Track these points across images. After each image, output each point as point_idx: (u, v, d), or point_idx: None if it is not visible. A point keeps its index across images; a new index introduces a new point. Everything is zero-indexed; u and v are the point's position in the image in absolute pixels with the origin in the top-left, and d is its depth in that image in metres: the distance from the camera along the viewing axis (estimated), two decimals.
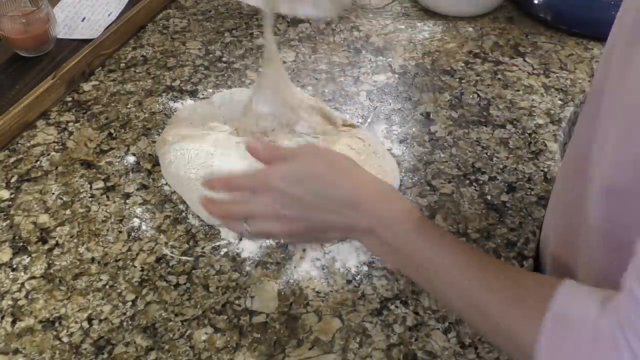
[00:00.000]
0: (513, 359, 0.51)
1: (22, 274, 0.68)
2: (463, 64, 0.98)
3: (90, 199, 0.76)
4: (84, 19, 1.03)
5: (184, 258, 0.69)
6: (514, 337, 0.47)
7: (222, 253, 0.70)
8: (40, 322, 0.63)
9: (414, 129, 0.86)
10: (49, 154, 0.82)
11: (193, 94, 0.92)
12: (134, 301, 0.65)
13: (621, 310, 0.42)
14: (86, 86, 0.94)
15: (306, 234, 0.56)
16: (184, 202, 0.75)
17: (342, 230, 0.55)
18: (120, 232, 0.72)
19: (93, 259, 0.69)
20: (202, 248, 0.70)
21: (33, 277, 0.68)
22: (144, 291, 0.66)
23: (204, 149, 0.76)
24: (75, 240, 0.71)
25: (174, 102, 0.91)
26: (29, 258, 0.69)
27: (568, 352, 0.44)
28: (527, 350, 0.46)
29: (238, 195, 0.58)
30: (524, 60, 0.99)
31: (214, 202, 0.59)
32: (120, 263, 0.69)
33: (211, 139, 0.77)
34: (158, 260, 0.69)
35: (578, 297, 0.46)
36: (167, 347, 0.61)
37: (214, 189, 0.58)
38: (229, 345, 0.62)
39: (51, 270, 0.68)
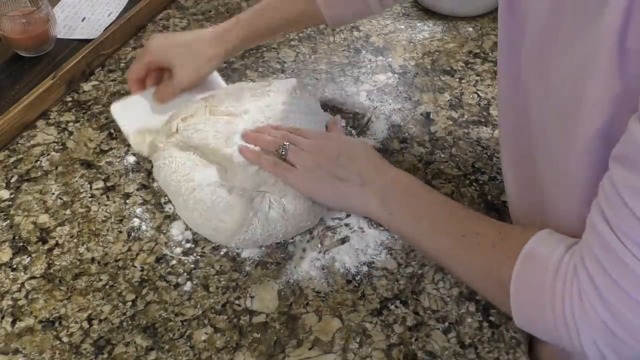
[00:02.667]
0: (499, 304, 0.57)
1: (22, 274, 0.68)
2: (463, 64, 0.98)
3: (90, 199, 0.76)
4: (84, 19, 1.03)
5: (184, 258, 0.69)
6: (496, 276, 0.53)
7: (222, 253, 0.70)
8: (40, 322, 0.63)
9: (414, 129, 0.86)
10: (49, 154, 0.82)
11: None
12: (134, 301, 0.65)
13: (584, 244, 0.47)
14: (86, 86, 0.94)
15: (325, 175, 0.69)
16: None
17: (358, 181, 0.67)
18: (120, 232, 0.72)
19: (93, 259, 0.69)
20: (202, 248, 0.70)
21: (33, 277, 0.68)
22: (144, 291, 0.66)
23: (191, 158, 0.76)
24: (75, 240, 0.71)
25: None
26: (29, 258, 0.69)
27: (533, 282, 0.49)
28: (507, 289, 0.51)
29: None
30: None
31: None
32: (120, 263, 0.69)
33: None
34: (158, 260, 0.69)
35: (550, 239, 0.52)
36: (167, 347, 0.61)
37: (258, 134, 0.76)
38: (229, 345, 0.62)
39: (51, 270, 0.68)
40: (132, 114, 0.83)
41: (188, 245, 0.71)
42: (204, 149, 0.76)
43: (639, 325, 0.44)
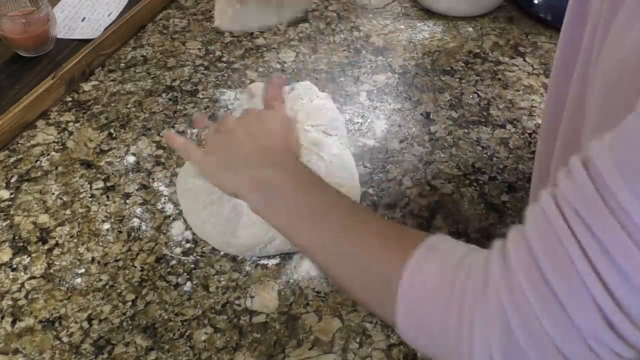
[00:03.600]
0: (379, 309, 0.47)
1: (22, 274, 0.68)
2: (463, 64, 0.98)
3: (90, 199, 0.76)
4: (84, 19, 1.03)
5: (184, 258, 0.69)
6: (383, 275, 0.45)
7: (222, 253, 0.70)
8: (40, 322, 0.63)
9: (414, 129, 0.86)
10: (49, 154, 0.82)
11: (193, 94, 0.92)
12: (134, 301, 0.65)
13: (510, 232, 0.39)
14: (86, 86, 0.94)
15: (218, 162, 0.64)
16: None
17: (242, 169, 0.61)
18: (120, 232, 0.72)
19: (93, 259, 0.69)
20: (202, 248, 0.70)
21: (33, 277, 0.68)
22: (144, 291, 0.66)
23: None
24: (75, 240, 0.71)
25: (175, 103, 0.91)
26: (29, 258, 0.69)
27: (429, 275, 0.41)
28: (394, 291, 0.42)
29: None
30: (524, 60, 0.99)
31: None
32: (120, 263, 0.69)
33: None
34: (158, 260, 0.69)
35: (452, 240, 0.44)
36: (167, 347, 0.61)
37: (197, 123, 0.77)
38: (229, 345, 0.62)
39: (51, 270, 0.68)
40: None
41: (188, 245, 0.71)
42: None
43: (545, 330, 0.34)
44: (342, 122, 0.82)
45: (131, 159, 0.81)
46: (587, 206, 0.34)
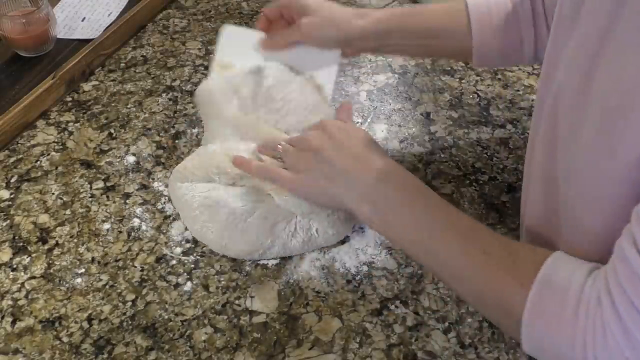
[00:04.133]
0: (503, 327, 0.53)
1: (22, 274, 0.68)
2: (463, 64, 0.98)
3: (90, 199, 0.76)
4: (84, 19, 1.03)
5: (184, 258, 0.69)
6: (504, 302, 0.49)
7: (222, 253, 0.70)
8: (40, 322, 0.63)
9: (414, 129, 0.86)
10: (49, 154, 0.82)
11: (193, 94, 0.92)
12: (134, 301, 0.65)
13: (610, 270, 0.43)
14: (86, 86, 0.94)
15: (314, 178, 0.64)
16: None
17: (345, 184, 0.62)
18: (120, 232, 0.72)
19: (93, 259, 0.69)
20: (202, 248, 0.70)
21: (33, 277, 0.68)
22: (144, 291, 0.66)
23: (212, 178, 0.72)
24: (75, 240, 0.71)
25: (175, 103, 0.91)
26: (29, 258, 0.69)
27: (552, 313, 0.45)
28: (517, 317, 0.47)
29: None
30: None
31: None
32: (120, 263, 0.69)
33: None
34: (158, 260, 0.69)
35: (567, 264, 0.47)
36: (167, 347, 0.61)
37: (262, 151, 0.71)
38: (229, 345, 0.62)
39: (51, 270, 0.68)
40: (234, 43, 0.81)
41: (188, 245, 0.71)
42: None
43: None
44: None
45: (131, 159, 0.81)
46: None
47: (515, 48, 0.72)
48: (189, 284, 0.67)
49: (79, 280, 0.67)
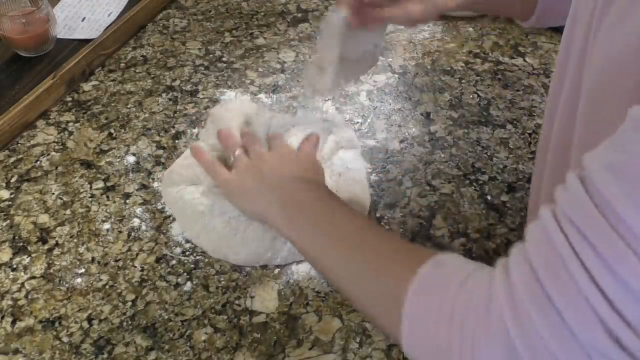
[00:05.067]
0: (387, 324, 0.46)
1: (22, 274, 0.68)
2: (463, 64, 0.98)
3: (90, 199, 0.76)
4: (84, 19, 1.03)
5: (184, 258, 0.69)
6: (390, 287, 0.45)
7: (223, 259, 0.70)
8: (40, 322, 0.63)
9: (414, 129, 0.86)
10: (49, 154, 0.82)
11: (193, 94, 0.92)
12: (134, 301, 0.65)
13: (515, 248, 0.39)
14: (86, 86, 0.94)
15: (249, 181, 0.67)
16: None
17: (269, 200, 0.63)
18: (120, 232, 0.72)
19: (93, 259, 0.69)
20: (202, 248, 0.70)
21: (33, 277, 0.68)
22: (144, 291, 0.66)
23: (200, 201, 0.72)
24: (75, 240, 0.71)
25: (175, 103, 0.91)
26: (29, 258, 0.69)
27: (434, 291, 0.41)
28: (399, 301, 0.43)
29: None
30: (524, 60, 0.99)
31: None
32: (120, 263, 0.69)
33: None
34: (158, 260, 0.69)
35: (461, 258, 0.44)
36: (167, 347, 0.61)
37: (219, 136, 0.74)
38: (229, 345, 0.62)
39: (51, 270, 0.68)
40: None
41: (188, 245, 0.71)
42: None
43: (548, 346, 0.34)
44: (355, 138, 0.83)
45: (131, 159, 0.81)
46: (583, 217, 0.34)
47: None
48: (189, 284, 0.67)
49: (79, 280, 0.67)
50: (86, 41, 0.97)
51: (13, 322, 0.63)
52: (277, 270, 0.68)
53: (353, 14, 0.64)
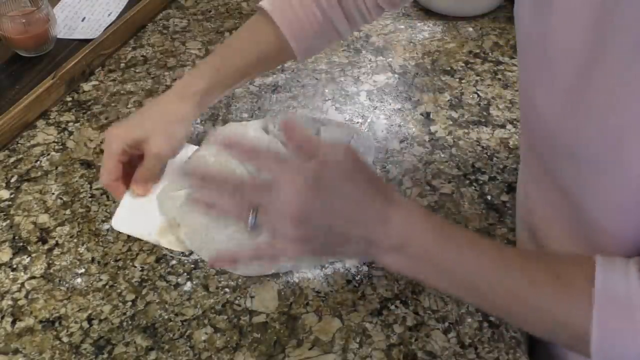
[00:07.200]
0: (573, 349, 0.49)
1: (22, 274, 0.68)
2: (463, 64, 0.98)
3: (90, 199, 0.76)
4: (84, 19, 1.03)
5: (184, 258, 0.69)
6: (570, 326, 0.47)
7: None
8: (40, 322, 0.63)
9: (414, 129, 0.86)
10: (49, 154, 0.82)
11: None
12: (134, 301, 0.65)
13: None
14: (86, 86, 0.94)
15: (320, 246, 0.50)
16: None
17: (363, 245, 0.50)
18: (120, 232, 0.72)
19: (93, 259, 0.69)
20: None
21: (33, 277, 0.68)
22: (144, 291, 0.66)
23: None
24: (75, 240, 0.71)
25: None
26: (29, 258, 0.69)
27: (623, 328, 0.44)
28: (585, 337, 0.45)
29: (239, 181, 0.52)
30: None
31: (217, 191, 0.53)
32: (120, 263, 0.69)
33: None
34: (158, 260, 0.69)
35: (615, 269, 0.46)
36: (167, 347, 0.61)
37: (229, 148, 0.51)
38: (229, 345, 0.62)
39: (51, 270, 0.68)
40: (135, 219, 0.71)
41: None
42: None
43: None
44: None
45: None
46: None
47: (331, 34, 0.74)
48: (189, 284, 0.67)
49: (79, 280, 0.67)
50: (86, 41, 0.97)
51: (13, 322, 0.63)
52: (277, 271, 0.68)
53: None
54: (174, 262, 0.69)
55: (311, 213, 0.48)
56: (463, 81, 0.95)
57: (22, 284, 0.67)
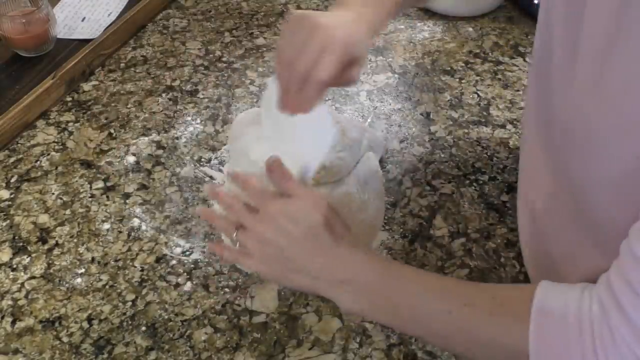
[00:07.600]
0: None
1: (22, 274, 0.68)
2: (463, 64, 0.98)
3: (90, 199, 0.76)
4: (84, 19, 1.03)
5: (184, 258, 0.69)
6: (506, 346, 0.48)
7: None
8: (40, 322, 0.63)
9: (414, 129, 0.86)
10: (49, 154, 0.82)
11: (193, 94, 0.92)
12: (134, 301, 0.65)
13: (613, 270, 0.43)
14: (86, 86, 0.94)
15: (280, 270, 0.56)
16: (185, 202, 0.75)
17: (310, 279, 0.55)
18: (120, 232, 0.72)
19: (93, 259, 0.69)
20: (202, 248, 0.70)
21: (33, 277, 0.68)
22: (144, 291, 0.66)
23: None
24: (75, 240, 0.71)
25: (175, 103, 0.91)
26: (29, 258, 0.69)
27: (557, 342, 0.45)
28: (522, 354, 0.46)
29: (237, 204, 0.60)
30: (524, 60, 0.99)
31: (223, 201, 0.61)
32: (120, 263, 0.69)
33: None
34: (158, 260, 0.69)
35: (556, 289, 0.47)
36: (167, 347, 0.61)
37: (235, 180, 0.62)
38: (229, 345, 0.62)
39: (51, 270, 0.68)
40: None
41: (188, 245, 0.71)
42: None
43: None
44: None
45: (131, 159, 0.81)
46: None
47: None
48: (189, 284, 0.67)
49: (79, 280, 0.67)
50: (86, 41, 0.97)
51: (13, 322, 0.63)
52: None
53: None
54: (174, 262, 0.69)
55: (270, 238, 0.56)
56: (463, 81, 0.95)
57: (22, 284, 0.67)
